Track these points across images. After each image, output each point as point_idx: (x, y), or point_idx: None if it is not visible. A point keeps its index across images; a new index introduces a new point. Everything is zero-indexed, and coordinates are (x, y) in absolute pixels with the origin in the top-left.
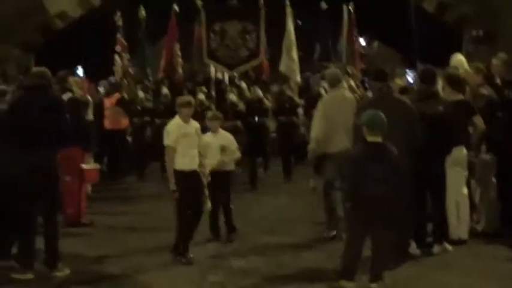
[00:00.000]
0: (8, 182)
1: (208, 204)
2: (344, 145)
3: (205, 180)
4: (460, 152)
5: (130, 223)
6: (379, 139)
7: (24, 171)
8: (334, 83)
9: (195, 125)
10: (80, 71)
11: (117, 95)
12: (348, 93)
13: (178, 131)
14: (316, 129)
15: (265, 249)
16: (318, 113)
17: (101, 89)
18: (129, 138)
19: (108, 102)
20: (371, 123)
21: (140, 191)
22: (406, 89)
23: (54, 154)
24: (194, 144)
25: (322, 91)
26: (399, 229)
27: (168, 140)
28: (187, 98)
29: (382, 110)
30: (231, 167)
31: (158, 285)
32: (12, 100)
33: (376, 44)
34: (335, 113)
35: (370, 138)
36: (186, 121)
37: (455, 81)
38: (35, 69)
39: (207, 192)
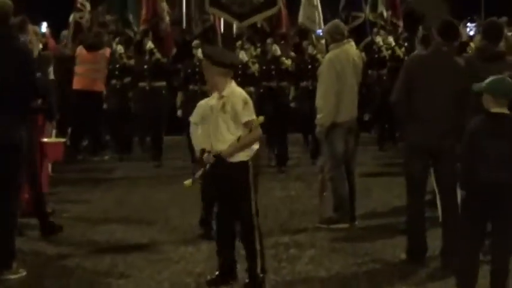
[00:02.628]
0: None
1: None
2: (354, 112)
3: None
4: None
5: (100, 213)
6: (505, 110)
7: None
8: (337, 37)
9: (227, 95)
10: (44, 27)
11: (108, 50)
12: (355, 49)
13: (205, 102)
14: (324, 95)
15: (276, 251)
16: (322, 76)
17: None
18: (105, 105)
19: (87, 56)
20: (496, 89)
21: (114, 173)
22: (465, 45)
23: (19, 122)
24: (213, 121)
25: None
26: None
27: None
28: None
29: (433, 73)
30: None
31: None
32: None
33: None
34: (342, 75)
35: (495, 109)
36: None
37: None
38: None
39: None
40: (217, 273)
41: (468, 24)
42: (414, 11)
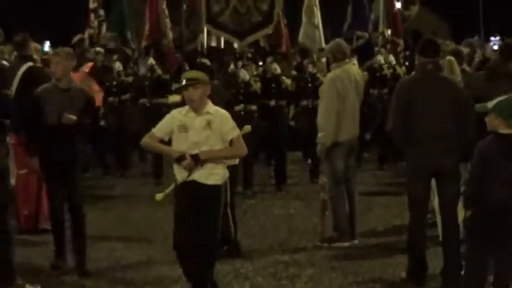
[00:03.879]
0: None
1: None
2: (355, 131)
3: None
4: None
5: (99, 231)
6: None
7: None
8: (339, 56)
9: (213, 113)
10: (47, 46)
11: (89, 64)
12: (357, 69)
13: (172, 120)
14: (325, 114)
15: (275, 269)
16: (324, 95)
17: None
18: (102, 122)
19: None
20: (505, 111)
21: (114, 191)
22: (485, 62)
23: None
24: (194, 143)
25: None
26: None
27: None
28: (191, 73)
29: (425, 94)
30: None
31: None
32: None
33: (416, 7)
34: (344, 94)
35: (504, 131)
36: (191, 108)
37: None
38: None
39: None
40: None
41: (492, 38)
42: (418, 30)
